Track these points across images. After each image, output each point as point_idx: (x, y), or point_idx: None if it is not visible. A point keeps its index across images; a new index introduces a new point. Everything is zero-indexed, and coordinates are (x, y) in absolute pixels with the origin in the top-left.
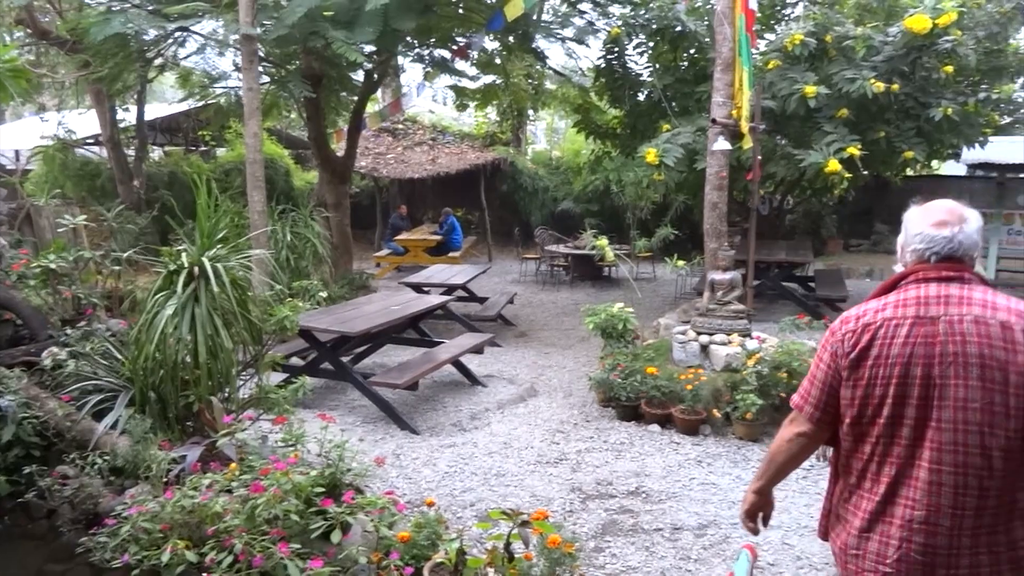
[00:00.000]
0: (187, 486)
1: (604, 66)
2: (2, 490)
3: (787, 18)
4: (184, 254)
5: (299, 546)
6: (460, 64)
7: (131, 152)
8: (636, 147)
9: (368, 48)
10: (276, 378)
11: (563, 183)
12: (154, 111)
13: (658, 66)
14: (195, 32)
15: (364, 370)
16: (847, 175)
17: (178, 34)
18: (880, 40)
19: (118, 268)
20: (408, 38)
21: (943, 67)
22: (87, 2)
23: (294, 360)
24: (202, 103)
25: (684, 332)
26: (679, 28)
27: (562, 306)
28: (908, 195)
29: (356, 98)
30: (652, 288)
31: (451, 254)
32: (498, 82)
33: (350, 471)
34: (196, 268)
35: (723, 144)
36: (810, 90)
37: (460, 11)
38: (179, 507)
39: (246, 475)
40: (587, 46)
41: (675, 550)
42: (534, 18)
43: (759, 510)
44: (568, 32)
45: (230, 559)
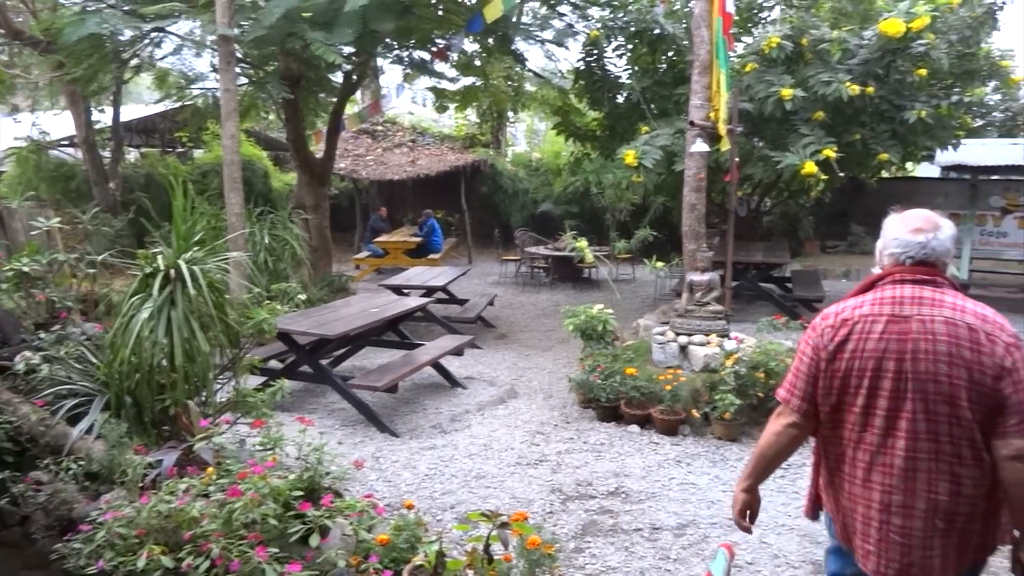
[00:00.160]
0: (163, 491)
1: (583, 68)
2: None
3: (764, 21)
4: (160, 257)
5: (277, 550)
6: (440, 66)
7: (107, 154)
8: (615, 149)
9: (347, 49)
10: (254, 381)
11: (543, 185)
12: (130, 112)
13: (637, 68)
14: (171, 33)
15: (343, 373)
16: (823, 177)
17: (154, 35)
18: (855, 44)
19: (93, 271)
20: (387, 39)
21: (917, 70)
22: (61, 2)
23: (273, 363)
24: (179, 104)
25: (663, 333)
26: (657, 31)
27: (542, 308)
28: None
29: (335, 99)
30: (631, 289)
31: (431, 256)
32: (478, 84)
33: (329, 474)
34: (172, 271)
35: (701, 146)
36: (786, 93)
37: (439, 13)
38: (155, 512)
39: (223, 479)
40: (566, 48)
41: (654, 550)
42: (513, 20)
43: (749, 508)
44: (547, 34)
45: (207, 564)
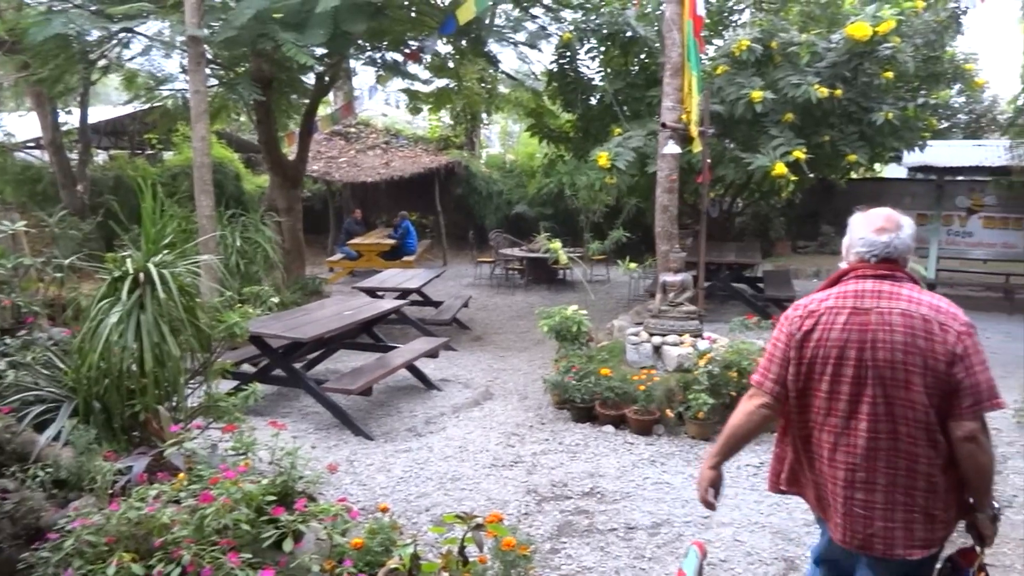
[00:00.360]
0: (133, 497)
1: (556, 70)
2: None
3: (734, 24)
4: (129, 260)
5: (250, 556)
6: (413, 67)
7: (74, 156)
8: (589, 151)
9: (319, 51)
10: (226, 386)
11: (517, 186)
12: (98, 114)
13: (609, 71)
14: (140, 33)
15: (317, 376)
16: (793, 178)
17: (122, 35)
18: (823, 47)
19: (60, 275)
20: (360, 41)
21: (883, 73)
22: (27, 1)
23: (245, 367)
24: (148, 106)
25: (637, 333)
26: (629, 33)
27: (517, 309)
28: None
29: (307, 101)
30: (606, 290)
31: (405, 258)
32: (451, 86)
33: (302, 479)
34: (142, 274)
35: (673, 148)
36: (757, 95)
37: (412, 14)
38: (125, 519)
39: (195, 485)
40: (539, 50)
41: (629, 549)
42: (486, 22)
43: (715, 485)
44: (520, 36)
45: (178, 571)
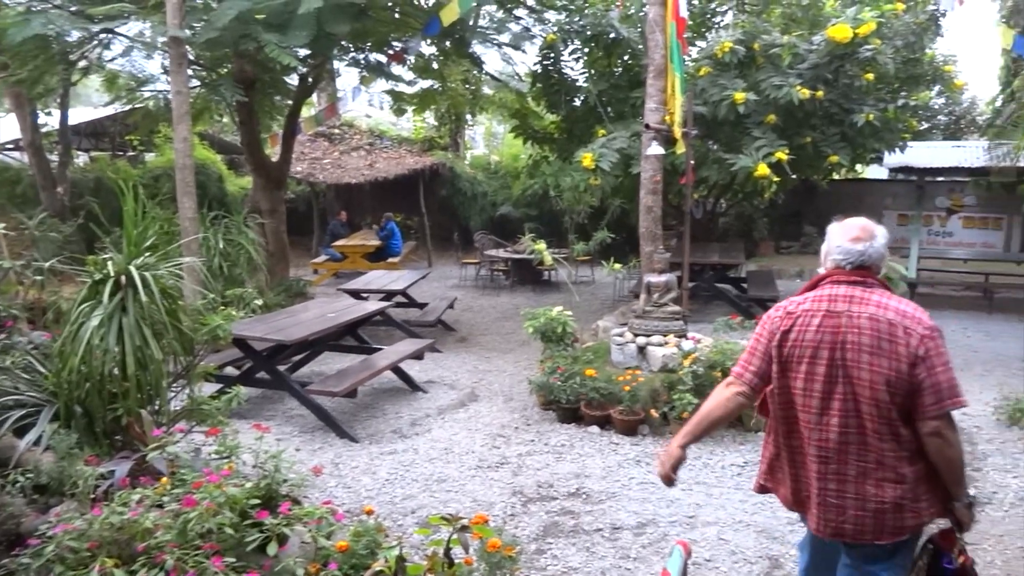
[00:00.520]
0: (116, 502)
1: (540, 72)
2: None
3: (717, 26)
4: (110, 263)
5: (234, 560)
6: (396, 69)
7: (54, 158)
8: (573, 152)
9: (302, 52)
10: (209, 389)
11: (502, 188)
12: (79, 115)
13: (593, 72)
14: (121, 34)
15: (302, 378)
16: (776, 179)
17: (103, 36)
18: (805, 48)
19: (40, 278)
20: (343, 42)
21: (864, 75)
22: (5, 1)
23: (229, 370)
24: (129, 107)
25: (622, 334)
26: (613, 35)
27: (502, 310)
28: (835, 198)
29: (290, 102)
30: (591, 291)
31: (390, 260)
32: (435, 87)
33: (287, 482)
34: (123, 277)
35: (657, 149)
36: (739, 96)
37: (396, 15)
38: (107, 524)
39: (178, 489)
40: (523, 52)
41: (615, 549)
42: (470, 23)
43: (678, 464)
44: (504, 38)
45: (162, 575)
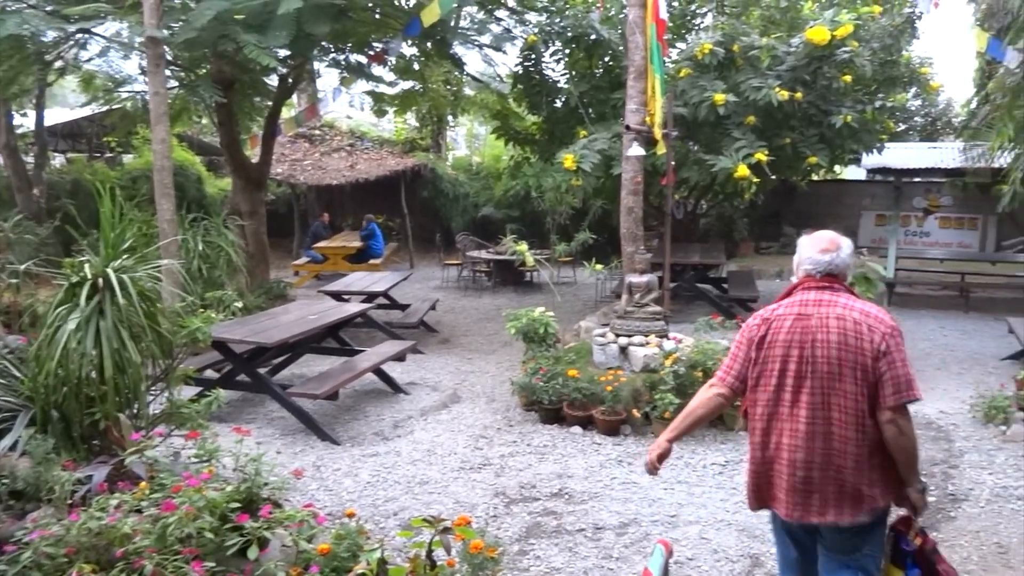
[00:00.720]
0: (94, 507)
1: (522, 73)
2: None
3: (697, 28)
4: (87, 265)
5: (214, 564)
6: (377, 69)
7: (30, 159)
8: (555, 153)
9: (282, 52)
10: (189, 392)
11: (484, 189)
12: (55, 116)
13: (574, 73)
14: (97, 34)
15: (283, 381)
16: (756, 180)
17: (79, 36)
18: (783, 50)
19: (16, 281)
20: (323, 43)
21: (842, 76)
22: None
23: (208, 373)
24: (107, 108)
25: (604, 335)
26: (594, 36)
27: (484, 311)
28: (814, 199)
29: (270, 103)
30: (572, 292)
31: (372, 261)
32: (416, 88)
33: (267, 485)
34: (100, 280)
35: (637, 150)
36: (719, 98)
37: (376, 16)
38: (85, 529)
39: (157, 493)
40: (504, 53)
41: (597, 549)
42: (451, 24)
43: (664, 457)
44: (485, 39)
45: None
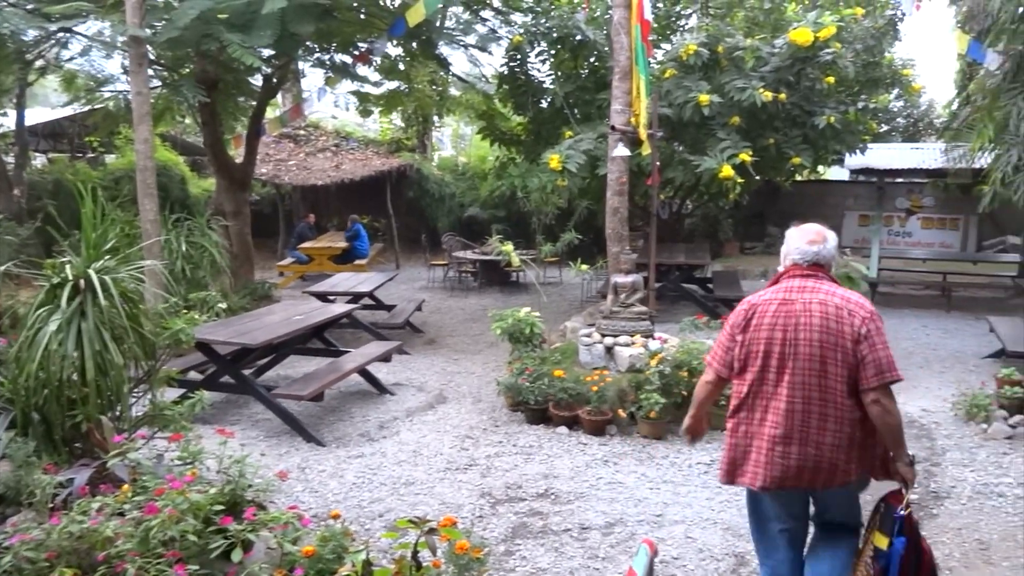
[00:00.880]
0: (75, 511)
1: (507, 73)
2: None
3: (681, 29)
4: (68, 266)
5: (197, 567)
6: (362, 69)
7: (10, 159)
8: (540, 153)
9: (266, 52)
10: (172, 394)
11: (470, 189)
12: (36, 115)
13: (560, 74)
14: (79, 33)
15: (267, 382)
16: (740, 180)
17: (60, 35)
18: (767, 51)
19: None
20: (308, 42)
21: (825, 78)
22: None
23: (192, 374)
24: (89, 107)
25: (589, 335)
26: (579, 37)
27: (470, 312)
28: (798, 199)
29: (254, 103)
30: (558, 292)
31: (357, 262)
32: (402, 88)
33: (251, 487)
34: (82, 281)
35: (623, 150)
36: (704, 99)
37: (362, 16)
38: (66, 533)
39: (139, 496)
40: (490, 53)
41: (583, 549)
42: (437, 25)
43: (697, 428)
44: (471, 39)
45: None
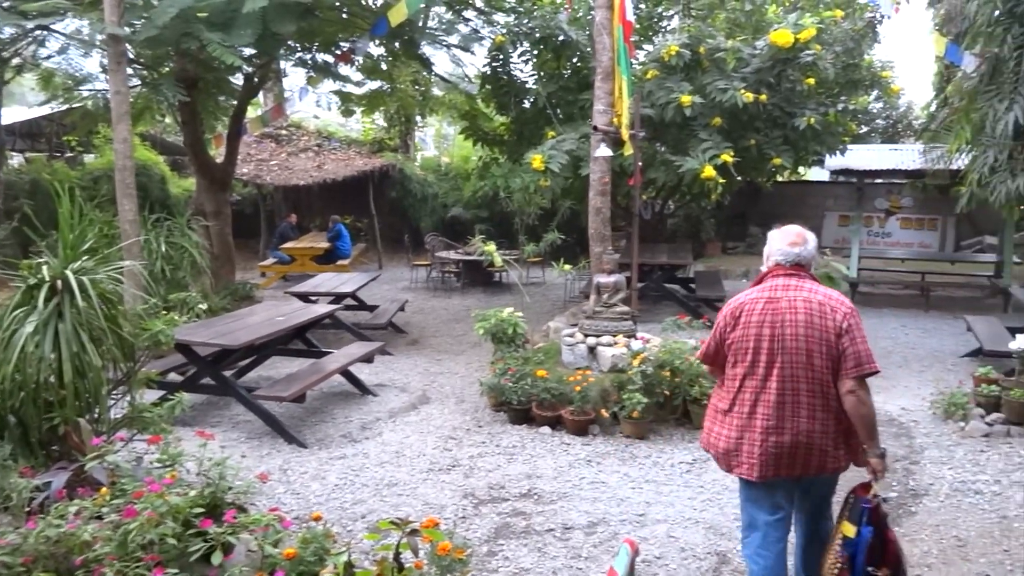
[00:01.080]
0: (52, 515)
1: (490, 73)
2: None
3: (663, 30)
4: (45, 267)
5: (177, 571)
6: (344, 69)
7: None
8: (523, 153)
9: (247, 51)
10: (152, 396)
11: (452, 189)
12: (12, 114)
13: (542, 74)
14: (56, 31)
15: (249, 384)
16: (722, 180)
17: (38, 33)
18: (749, 53)
19: None
20: (289, 42)
21: (805, 79)
22: None
23: (172, 376)
24: (67, 106)
25: (572, 335)
26: (562, 37)
27: (453, 312)
28: (779, 199)
29: (235, 102)
30: (541, 292)
31: (340, 262)
32: (384, 88)
33: (232, 489)
34: (59, 282)
35: (605, 151)
36: (686, 99)
37: (343, 15)
38: (43, 537)
39: (118, 499)
40: (472, 53)
41: (566, 549)
42: (419, 24)
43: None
44: (453, 39)
45: None
